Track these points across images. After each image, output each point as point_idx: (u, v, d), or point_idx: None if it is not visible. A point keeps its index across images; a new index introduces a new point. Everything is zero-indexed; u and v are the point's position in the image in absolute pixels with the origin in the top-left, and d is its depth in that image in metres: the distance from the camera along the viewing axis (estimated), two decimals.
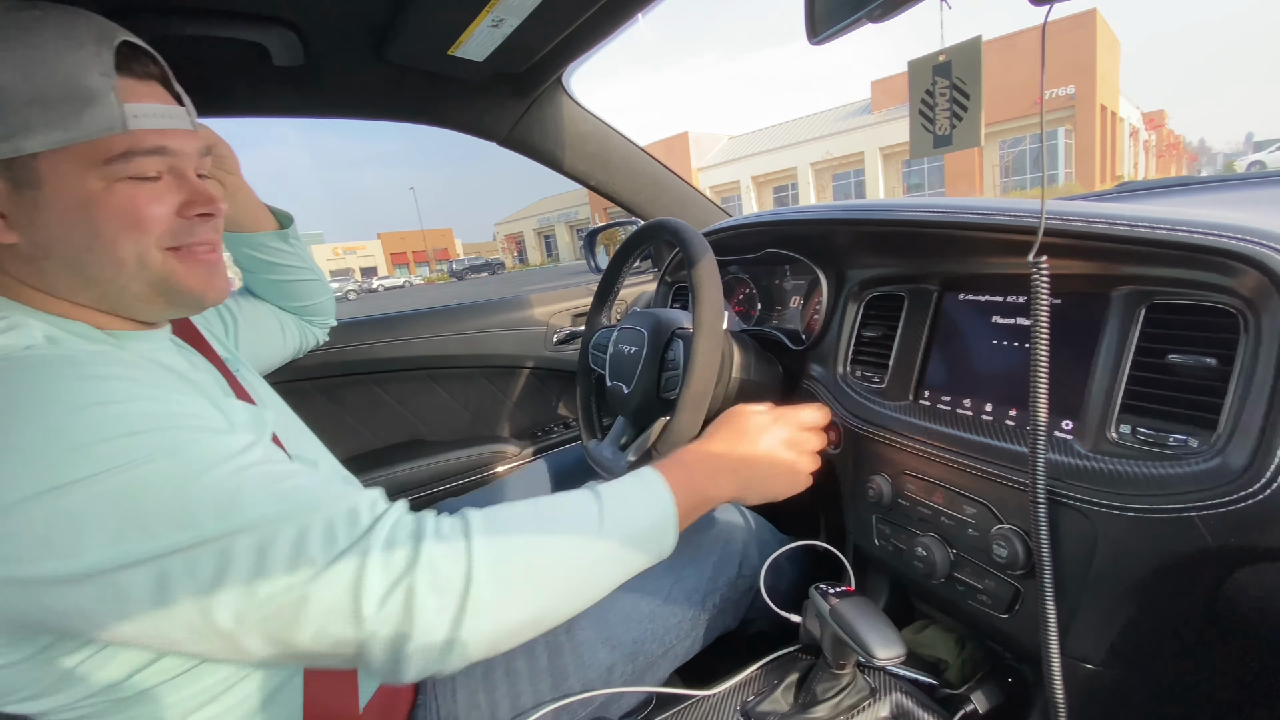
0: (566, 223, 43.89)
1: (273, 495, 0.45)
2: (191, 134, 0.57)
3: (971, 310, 0.73)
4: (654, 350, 0.90)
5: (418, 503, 1.23)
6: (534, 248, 49.25)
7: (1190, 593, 0.52)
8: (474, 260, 44.69)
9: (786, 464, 0.70)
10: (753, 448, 0.69)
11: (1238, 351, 0.48)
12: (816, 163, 26.94)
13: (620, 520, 0.56)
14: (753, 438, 0.69)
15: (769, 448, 0.69)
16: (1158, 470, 0.51)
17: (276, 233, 0.90)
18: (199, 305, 0.60)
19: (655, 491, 0.60)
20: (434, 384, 1.32)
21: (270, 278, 0.93)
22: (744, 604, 0.88)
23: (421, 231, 64.36)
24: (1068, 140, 21.13)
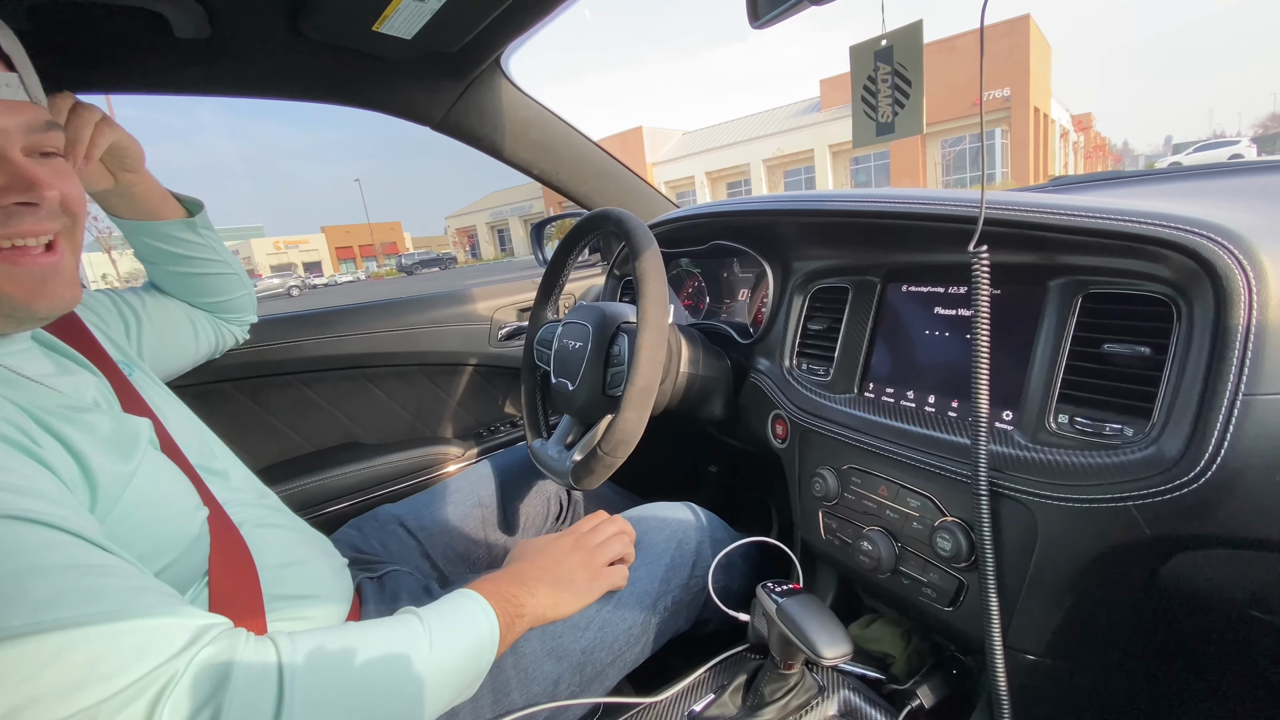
0: (520, 216, 43.18)
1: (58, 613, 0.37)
2: (17, 106, 0.49)
3: (914, 301, 0.72)
4: (599, 345, 0.87)
5: (353, 508, 1.17)
6: (487, 241, 48.27)
7: (1127, 580, 0.53)
8: (424, 254, 43.48)
9: (579, 559, 0.74)
10: (547, 557, 0.74)
11: (1171, 340, 0.49)
12: (768, 159, 27.33)
13: (447, 647, 0.54)
14: (544, 550, 0.76)
15: (560, 552, 0.75)
16: (1095, 460, 0.51)
17: (183, 221, 0.82)
18: (29, 317, 0.52)
19: (479, 614, 0.60)
20: (369, 384, 1.25)
21: (177, 270, 0.85)
22: (697, 605, 0.86)
23: (368, 225, 62.17)
24: (1004, 140, 22.06)
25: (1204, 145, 24.06)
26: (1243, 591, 0.47)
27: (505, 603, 0.63)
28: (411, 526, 0.97)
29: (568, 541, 0.76)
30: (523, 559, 0.75)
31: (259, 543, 0.63)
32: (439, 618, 0.56)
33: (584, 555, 0.75)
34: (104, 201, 0.78)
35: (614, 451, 0.77)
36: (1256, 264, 0.43)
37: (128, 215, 0.79)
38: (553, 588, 0.69)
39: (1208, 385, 0.45)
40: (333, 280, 42.80)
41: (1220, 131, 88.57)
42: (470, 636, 0.57)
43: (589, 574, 0.74)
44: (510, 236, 45.52)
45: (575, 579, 0.72)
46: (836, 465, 0.75)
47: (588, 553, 0.75)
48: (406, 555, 0.94)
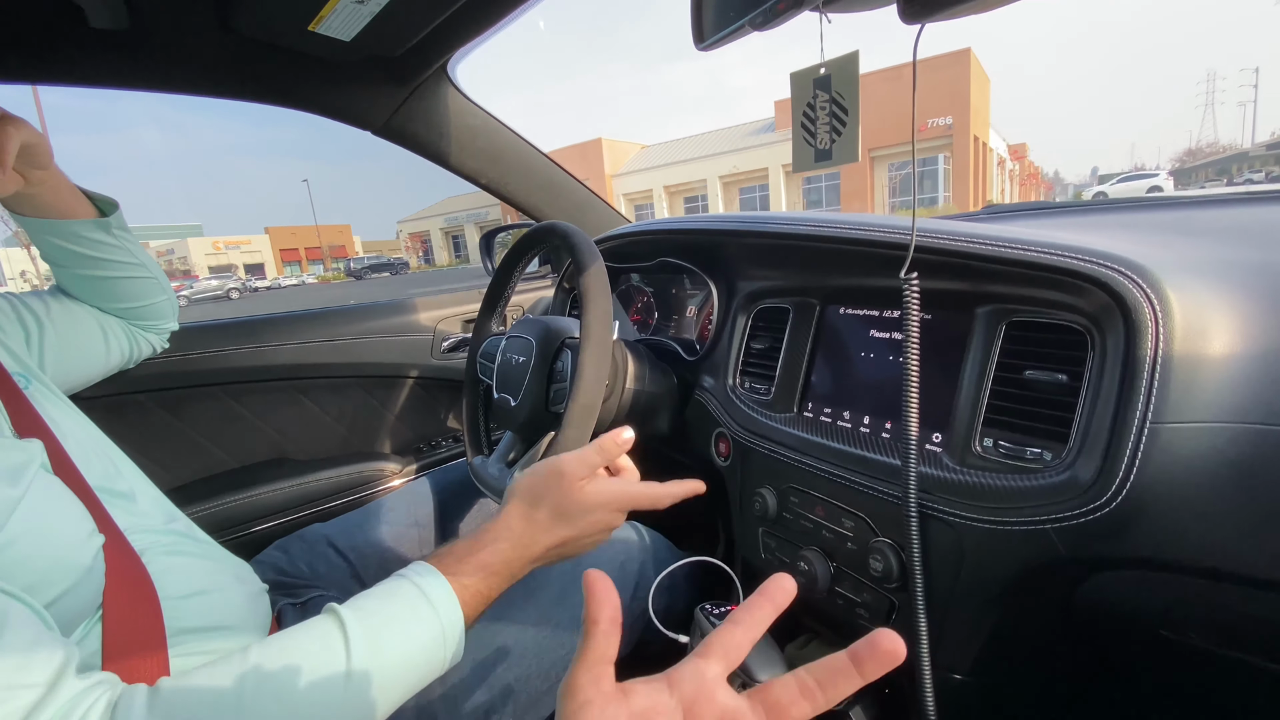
0: (476, 223, 42.53)
1: None
2: None
3: (851, 324, 0.74)
4: (542, 360, 0.85)
5: (281, 528, 1.11)
6: (441, 248, 47.34)
7: (1046, 601, 0.54)
8: (374, 259, 42.27)
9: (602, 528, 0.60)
10: (572, 529, 0.58)
11: (1085, 368, 0.51)
12: (725, 176, 27.87)
13: (378, 650, 0.46)
14: (575, 519, 0.58)
15: (594, 522, 0.59)
16: (1016, 483, 0.52)
17: (94, 221, 0.76)
18: None
19: (428, 599, 0.49)
20: (301, 396, 1.19)
21: (87, 273, 0.79)
22: (638, 627, 0.85)
23: (316, 227, 60.07)
24: (946, 166, 23.17)
25: (1127, 176, 25.92)
26: (1153, 612, 0.49)
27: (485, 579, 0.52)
28: (342, 547, 0.92)
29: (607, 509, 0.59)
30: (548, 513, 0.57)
31: (163, 572, 0.58)
32: (366, 613, 0.48)
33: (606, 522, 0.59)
34: (7, 200, 0.72)
35: None
36: (1163, 298, 0.46)
37: (33, 214, 0.73)
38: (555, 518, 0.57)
39: (1118, 413, 0.46)
40: (276, 283, 41.17)
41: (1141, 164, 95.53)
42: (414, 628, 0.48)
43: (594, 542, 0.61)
44: (465, 243, 44.82)
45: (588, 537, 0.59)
46: (776, 485, 0.75)
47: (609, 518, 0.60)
48: (335, 578, 0.90)
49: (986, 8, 0.49)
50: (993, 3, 0.49)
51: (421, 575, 0.52)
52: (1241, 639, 0.46)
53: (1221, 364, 0.44)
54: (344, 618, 0.47)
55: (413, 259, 47.72)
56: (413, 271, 41.64)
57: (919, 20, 0.51)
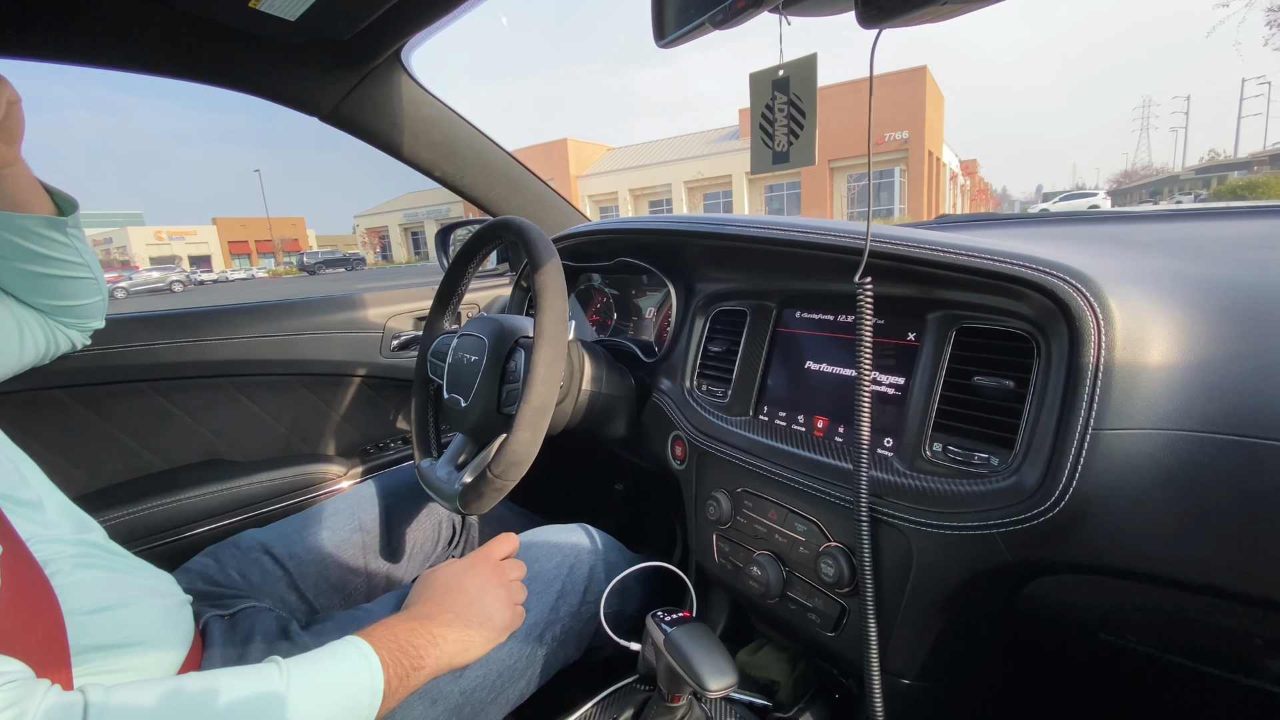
0: (437, 219, 41.66)
1: None
2: None
3: (806, 328, 0.74)
4: (494, 360, 0.83)
5: (214, 534, 1.05)
6: (399, 244, 46.19)
7: (990, 605, 0.55)
8: (329, 254, 40.86)
9: (499, 594, 0.67)
10: (461, 592, 0.65)
11: (1031, 375, 0.51)
12: (690, 181, 28.09)
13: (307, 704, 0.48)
14: (455, 584, 0.66)
15: (477, 586, 0.66)
16: (964, 488, 0.52)
17: (49, 219, 0.71)
18: None
19: (359, 665, 0.53)
20: (238, 394, 1.13)
21: (30, 268, 0.73)
22: (588, 632, 0.83)
23: (267, 219, 57.83)
24: (902, 179, 23.91)
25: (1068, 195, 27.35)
26: (1093, 615, 0.50)
27: (400, 654, 0.56)
28: (279, 554, 0.87)
29: (484, 572, 0.68)
30: (429, 596, 0.65)
31: (69, 585, 0.54)
32: (306, 671, 0.49)
33: (505, 589, 0.67)
34: None
35: (505, 474, 0.73)
36: (1105, 306, 0.46)
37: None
38: (465, 629, 0.62)
39: (1062, 419, 0.47)
40: (223, 276, 39.43)
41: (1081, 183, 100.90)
42: (341, 691, 0.50)
43: (509, 611, 0.66)
44: (425, 239, 43.86)
45: (492, 617, 0.65)
46: (730, 488, 0.75)
47: (508, 586, 0.68)
48: (270, 587, 0.85)
49: (942, 16, 0.49)
50: (947, 12, 0.49)
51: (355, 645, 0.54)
52: (1176, 642, 0.47)
53: (1160, 372, 0.46)
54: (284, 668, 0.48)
55: (370, 255, 46.45)
56: (369, 267, 40.52)
57: (876, 25, 0.51)
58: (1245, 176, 27.81)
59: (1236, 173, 32.22)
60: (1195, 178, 37.93)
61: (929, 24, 0.51)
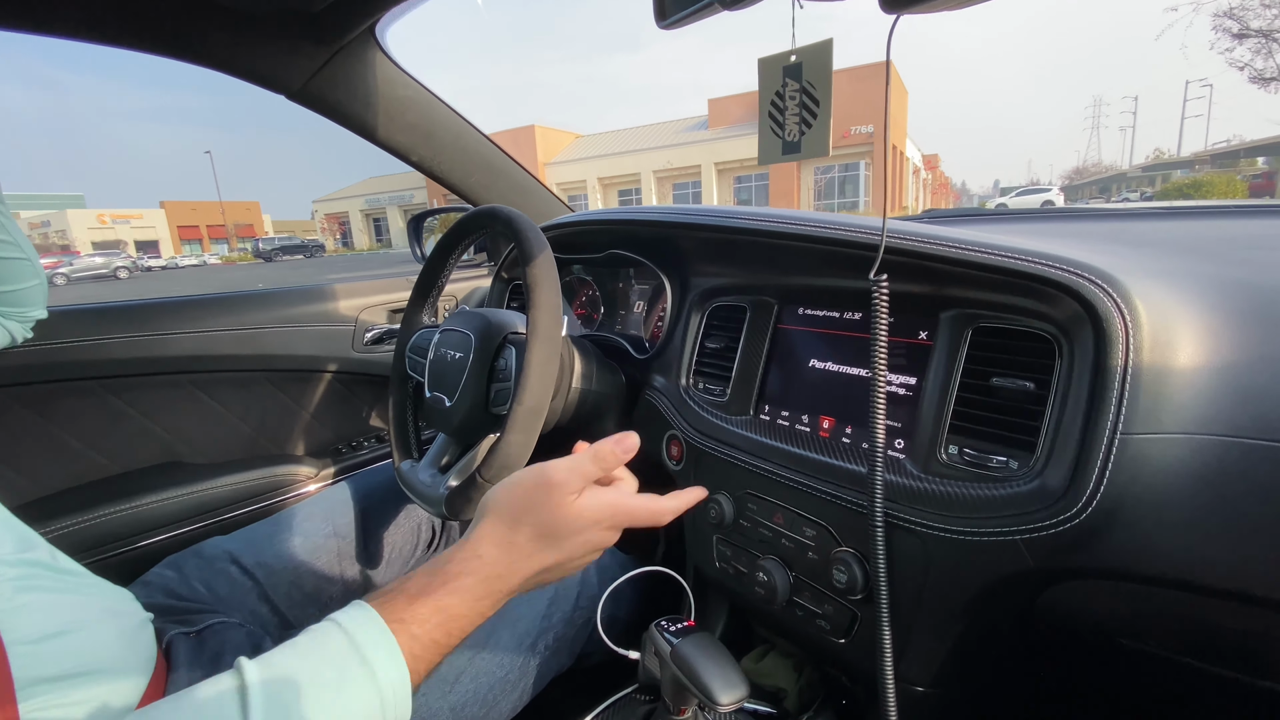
0: (400, 206, 40.56)
1: None
2: None
3: (809, 324, 0.72)
4: (482, 357, 0.78)
5: (175, 542, 0.98)
6: (361, 230, 44.81)
7: (1007, 611, 0.54)
8: (287, 240, 39.38)
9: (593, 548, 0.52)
10: (560, 552, 0.50)
11: (1053, 376, 0.50)
12: (659, 170, 28.00)
13: None
14: (564, 541, 0.50)
15: (585, 543, 0.51)
16: (984, 492, 0.51)
17: None
18: None
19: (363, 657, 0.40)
20: (199, 392, 1.05)
21: None
22: (581, 639, 0.80)
23: (220, 203, 55.44)
24: (867, 172, 24.28)
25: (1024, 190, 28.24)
26: (1113, 620, 0.50)
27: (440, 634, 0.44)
28: (248, 563, 0.82)
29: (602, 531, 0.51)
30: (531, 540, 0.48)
31: (12, 612, 0.48)
32: (279, 676, 0.38)
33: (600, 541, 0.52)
34: None
35: (496, 477, 0.69)
36: (1133, 307, 0.45)
37: None
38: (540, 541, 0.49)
39: (1088, 422, 0.46)
40: (173, 263, 37.75)
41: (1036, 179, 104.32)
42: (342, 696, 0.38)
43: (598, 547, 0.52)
44: (387, 226, 42.72)
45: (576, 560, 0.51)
46: (732, 490, 0.72)
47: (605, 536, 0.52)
48: (239, 600, 0.79)
49: (964, 4, 0.47)
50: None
51: (358, 624, 0.41)
52: (1200, 647, 0.46)
53: (1187, 375, 0.45)
54: (248, 681, 0.37)
55: (329, 241, 45.04)
56: (329, 255, 39.33)
57: (897, 10, 0.48)
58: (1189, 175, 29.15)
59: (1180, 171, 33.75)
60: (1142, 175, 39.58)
61: (948, 11, 0.49)
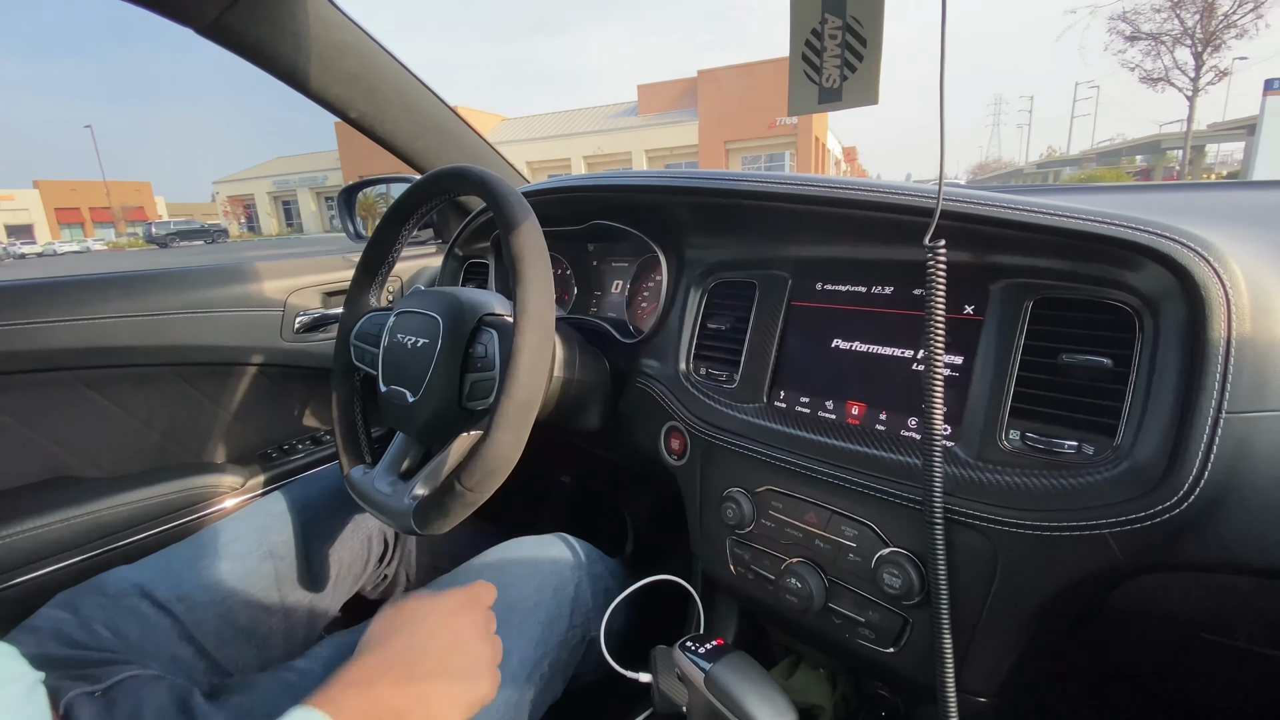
0: (311, 188, 37.95)
1: None
2: None
3: (830, 300, 0.65)
4: (453, 343, 0.67)
5: (65, 575, 0.80)
6: (269, 214, 41.58)
7: (1078, 610, 0.49)
8: (184, 224, 36.07)
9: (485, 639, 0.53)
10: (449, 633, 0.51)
11: (1135, 352, 0.45)
12: (589, 156, 27.61)
13: None
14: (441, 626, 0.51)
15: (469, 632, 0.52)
16: (1058, 481, 0.46)
17: None
18: None
19: None
20: (90, 391, 0.87)
21: None
22: (574, 661, 0.71)
23: (104, 183, 50.09)
24: (792, 162, 24.94)
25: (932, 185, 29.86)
26: (1195, 614, 0.46)
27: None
28: (163, 597, 0.67)
29: (476, 619, 0.53)
30: (406, 638, 0.50)
31: None
32: None
33: (490, 643, 0.53)
34: None
35: (481, 485, 0.58)
36: (1231, 274, 0.41)
37: None
38: (455, 681, 0.48)
39: (1186, 401, 0.41)
40: (50, 249, 33.86)
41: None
42: None
43: (490, 673, 0.51)
44: (298, 210, 39.95)
45: (480, 675, 0.50)
46: (750, 487, 0.65)
47: (492, 638, 0.53)
48: (155, 644, 0.65)
49: None
50: None
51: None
52: None
53: None
54: None
55: (233, 225, 41.69)
56: (233, 240, 36.46)
57: None
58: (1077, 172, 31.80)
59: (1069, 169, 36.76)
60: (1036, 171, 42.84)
61: None
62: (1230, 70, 16.21)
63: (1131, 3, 17.09)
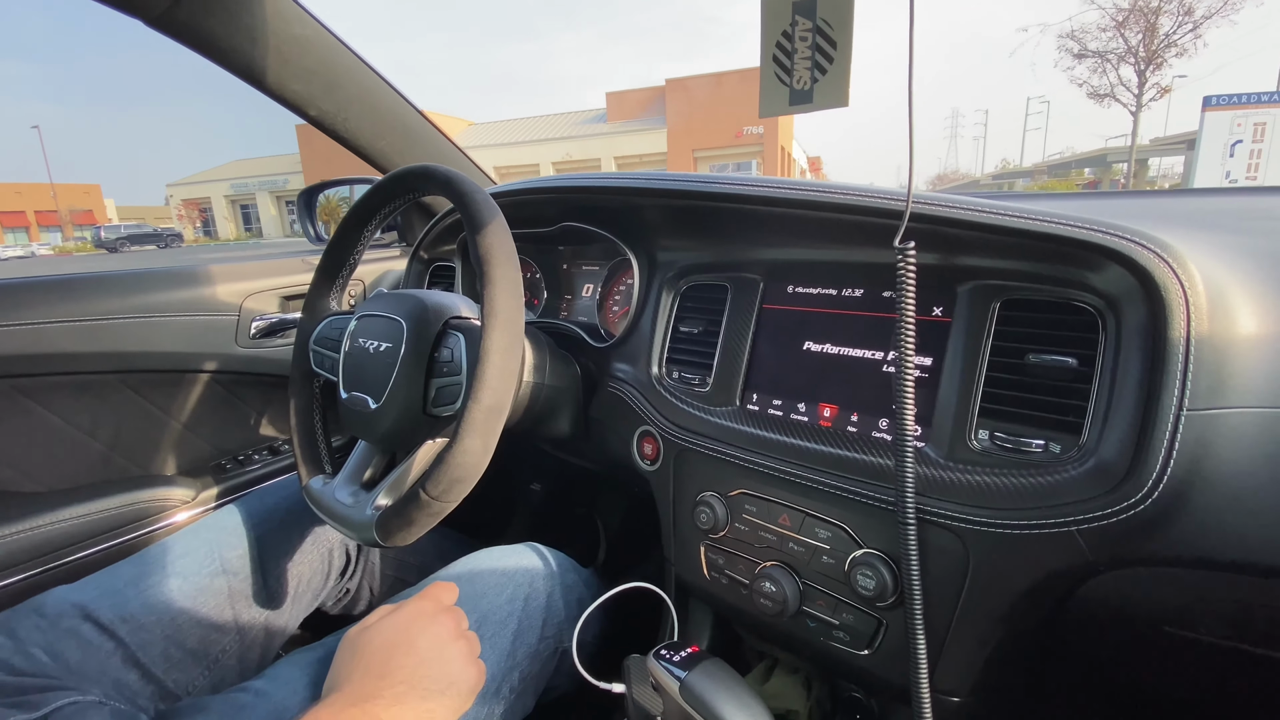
0: (271, 191, 36.85)
1: None
2: None
3: (801, 303, 0.65)
4: (418, 347, 0.65)
5: (4, 594, 0.75)
6: (226, 218, 40.16)
7: (1045, 606, 0.50)
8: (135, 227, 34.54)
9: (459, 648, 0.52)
10: (410, 652, 0.49)
11: (1099, 352, 0.46)
12: (558, 162, 27.53)
13: None
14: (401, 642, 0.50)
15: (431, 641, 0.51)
16: (1026, 480, 0.46)
17: None
18: None
19: None
20: (27, 400, 0.82)
21: None
22: (546, 673, 0.69)
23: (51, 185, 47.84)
24: (759, 171, 25.34)
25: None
26: (1159, 608, 0.47)
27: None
28: (105, 618, 0.63)
29: (437, 621, 0.52)
30: (367, 663, 0.48)
31: None
32: None
33: (464, 640, 0.52)
34: None
35: (447, 493, 0.56)
36: (1189, 275, 0.42)
37: None
38: (422, 701, 0.46)
39: (1148, 399, 0.42)
40: None
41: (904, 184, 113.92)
42: None
43: (473, 667, 0.51)
44: (257, 214, 38.78)
45: (455, 680, 0.49)
46: (723, 490, 0.64)
47: (466, 636, 0.53)
48: (97, 668, 0.61)
49: None
50: None
51: None
52: (1259, 631, 0.44)
53: (1248, 346, 0.42)
54: None
55: (188, 229, 40.21)
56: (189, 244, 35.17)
57: None
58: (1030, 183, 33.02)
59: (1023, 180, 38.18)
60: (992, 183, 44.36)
61: None
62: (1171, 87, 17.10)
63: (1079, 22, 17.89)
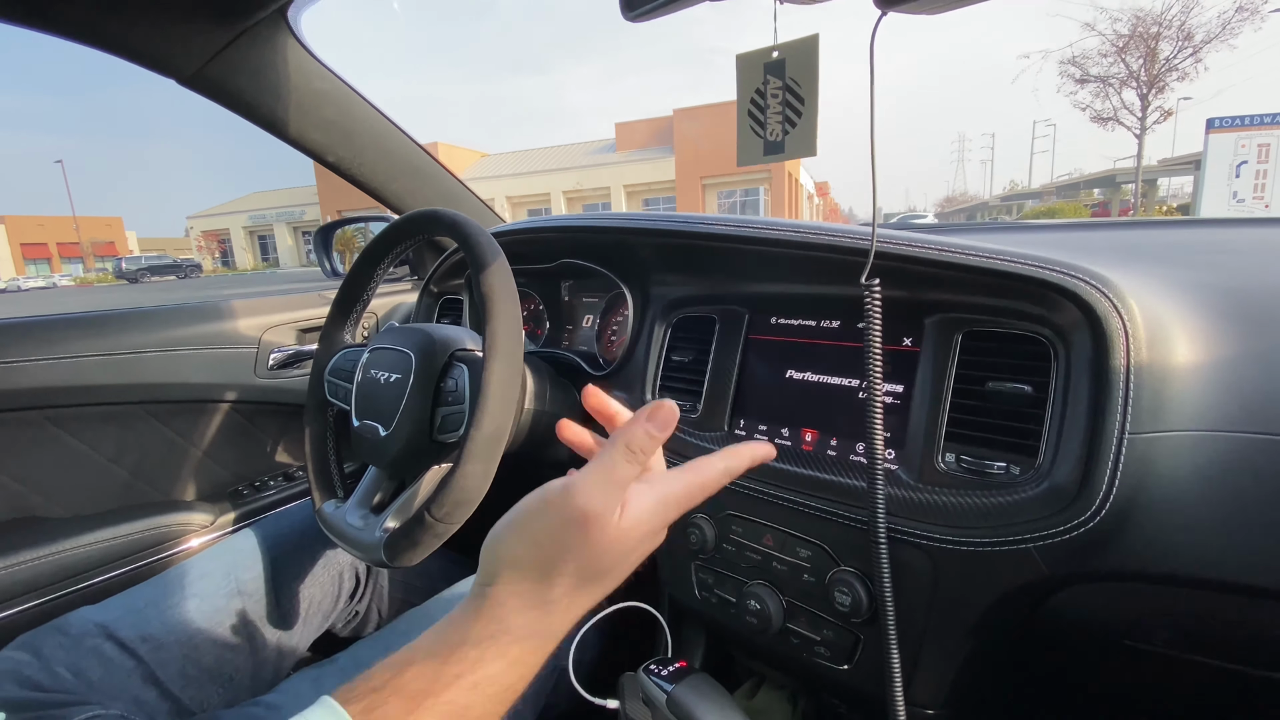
0: (288, 223, 37.76)
1: None
2: None
3: (783, 334, 0.69)
4: (425, 378, 0.69)
5: (27, 617, 0.79)
6: (244, 249, 41.15)
7: (1013, 621, 0.52)
8: (156, 259, 35.42)
9: (638, 561, 0.42)
10: (606, 588, 0.40)
11: (1051, 379, 0.50)
12: (569, 191, 28.04)
13: None
14: (612, 573, 0.40)
15: (634, 563, 0.41)
16: (988, 500, 0.49)
17: None
18: None
19: None
20: (57, 429, 0.87)
21: None
22: (544, 692, 0.71)
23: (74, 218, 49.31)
24: (766, 197, 25.61)
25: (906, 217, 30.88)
26: (1118, 622, 0.49)
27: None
28: (126, 637, 0.67)
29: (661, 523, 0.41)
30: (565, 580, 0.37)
31: None
32: None
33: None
34: None
35: (450, 515, 0.60)
36: (1128, 309, 0.45)
37: None
38: (582, 587, 0.38)
39: (1095, 424, 0.45)
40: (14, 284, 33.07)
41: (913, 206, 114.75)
42: None
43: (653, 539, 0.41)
44: (275, 244, 39.63)
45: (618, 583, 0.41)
46: (712, 512, 0.67)
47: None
48: (117, 685, 0.65)
49: (953, 5, 0.47)
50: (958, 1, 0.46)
51: None
52: (1206, 642, 0.47)
53: (1184, 374, 0.45)
54: None
55: (207, 260, 41.14)
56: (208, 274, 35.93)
57: (890, 8, 0.47)
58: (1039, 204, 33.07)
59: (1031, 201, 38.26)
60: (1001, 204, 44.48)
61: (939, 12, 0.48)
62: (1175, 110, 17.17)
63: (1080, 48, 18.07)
